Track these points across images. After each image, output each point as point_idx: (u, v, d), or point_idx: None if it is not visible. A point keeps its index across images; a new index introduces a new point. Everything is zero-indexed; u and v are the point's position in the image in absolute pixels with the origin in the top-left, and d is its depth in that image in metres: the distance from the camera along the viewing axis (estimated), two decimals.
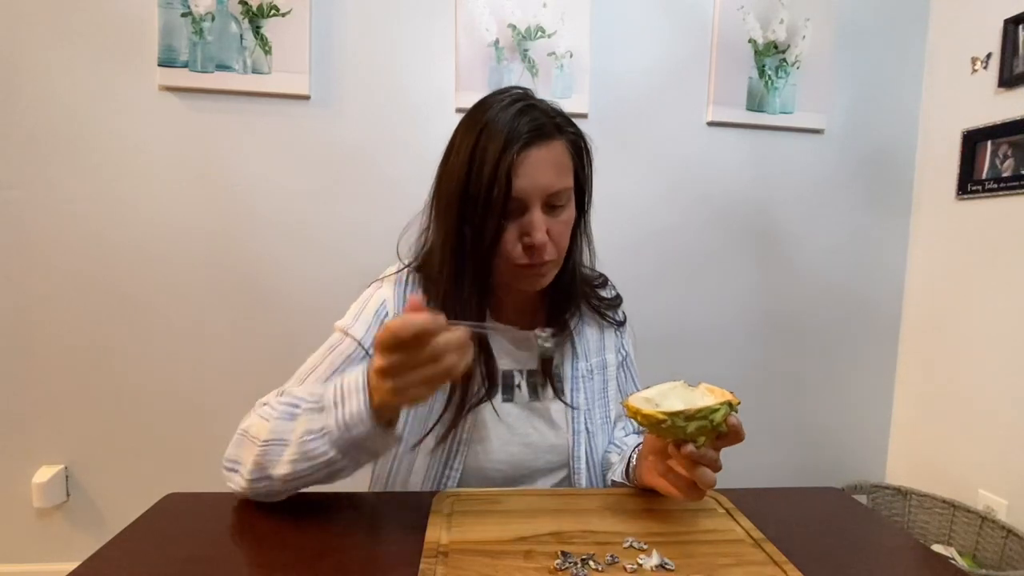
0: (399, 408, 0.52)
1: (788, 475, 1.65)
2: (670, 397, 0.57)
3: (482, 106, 0.68)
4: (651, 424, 0.54)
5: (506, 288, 0.72)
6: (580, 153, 0.70)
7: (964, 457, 1.46)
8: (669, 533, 0.54)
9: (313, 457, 0.52)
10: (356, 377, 0.52)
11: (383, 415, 0.51)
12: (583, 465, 0.74)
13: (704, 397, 0.56)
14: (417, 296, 0.50)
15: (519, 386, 0.74)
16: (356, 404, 0.51)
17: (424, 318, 0.46)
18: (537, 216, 0.64)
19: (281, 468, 0.54)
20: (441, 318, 0.47)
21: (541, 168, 0.64)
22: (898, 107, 1.61)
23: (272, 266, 1.41)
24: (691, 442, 0.53)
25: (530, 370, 0.75)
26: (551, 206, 0.66)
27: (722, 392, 0.56)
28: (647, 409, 0.54)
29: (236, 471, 0.58)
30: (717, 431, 0.54)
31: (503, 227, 0.65)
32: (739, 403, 0.55)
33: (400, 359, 0.47)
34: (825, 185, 1.60)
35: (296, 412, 0.55)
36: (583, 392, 0.77)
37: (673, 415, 0.52)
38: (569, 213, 0.69)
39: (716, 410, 0.53)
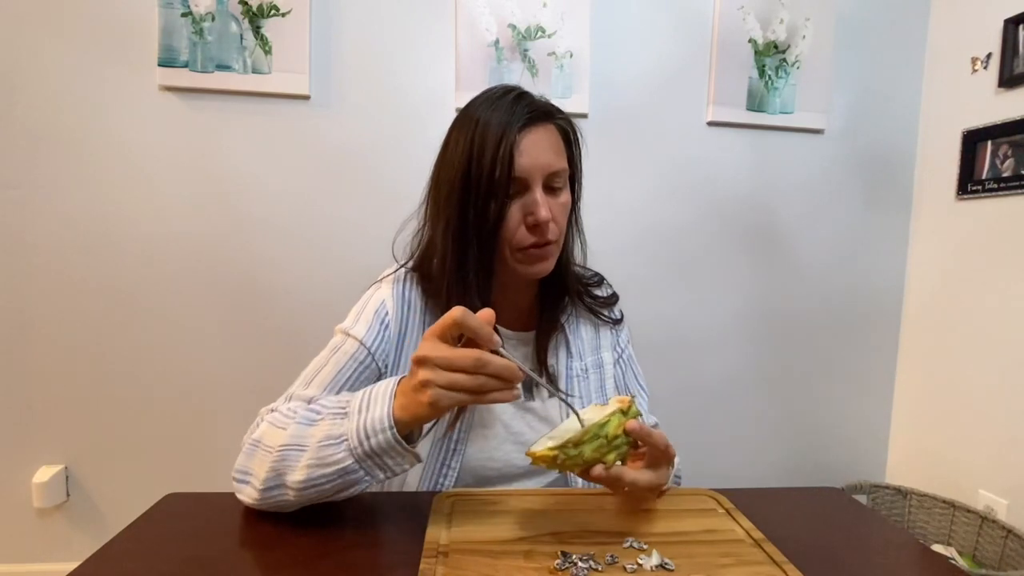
0: (419, 415, 0.50)
1: (788, 475, 1.65)
2: (573, 427, 0.53)
3: (475, 101, 0.70)
4: (551, 465, 0.51)
5: (502, 286, 0.72)
6: (570, 140, 0.72)
7: (964, 457, 1.46)
8: (669, 533, 0.54)
9: (329, 463, 0.51)
10: (385, 386, 0.52)
11: (404, 426, 0.50)
12: None
13: (600, 412, 0.53)
14: (491, 311, 0.50)
15: None
16: (379, 410, 0.50)
17: (482, 323, 0.48)
18: (540, 194, 0.66)
19: (296, 474, 0.52)
20: (497, 339, 0.48)
21: (541, 147, 0.66)
22: (898, 107, 1.61)
23: (272, 266, 1.41)
24: (601, 463, 0.52)
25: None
26: (550, 187, 0.68)
27: (618, 400, 0.54)
28: (540, 450, 0.51)
29: (247, 482, 0.57)
30: (618, 443, 0.52)
31: (506, 209, 0.65)
32: (629, 407, 0.53)
33: (442, 352, 0.47)
34: (825, 185, 1.60)
35: (317, 418, 0.55)
36: (578, 391, 0.77)
37: (561, 447, 0.50)
38: (566, 196, 0.70)
39: (605, 424, 0.51)
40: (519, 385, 0.74)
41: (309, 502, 0.55)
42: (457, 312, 0.47)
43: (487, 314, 0.49)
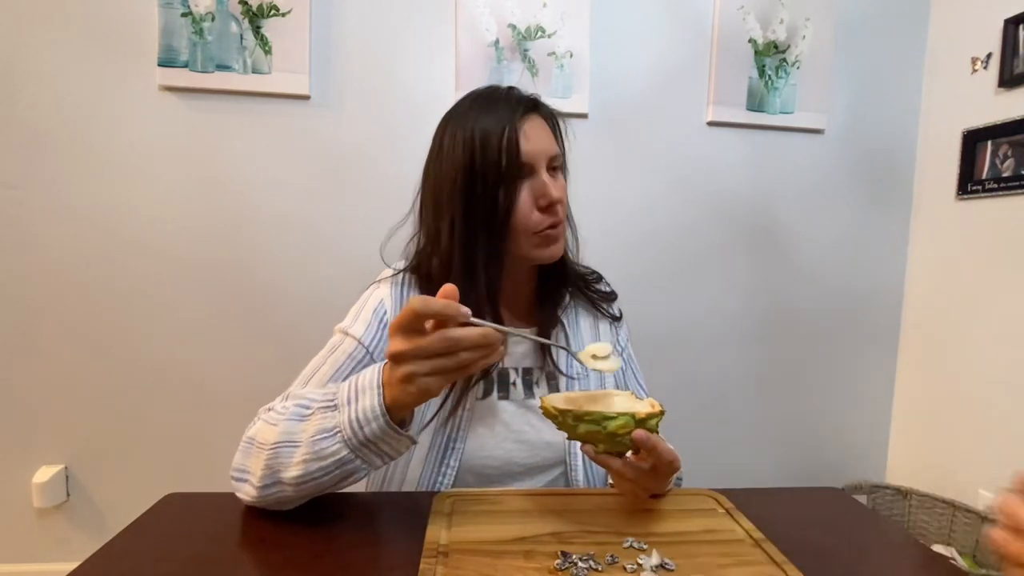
0: (410, 404, 0.50)
1: (788, 475, 1.65)
2: (601, 402, 0.57)
3: (462, 102, 0.72)
4: (549, 417, 0.55)
5: (508, 279, 0.73)
6: (557, 128, 0.75)
7: (964, 457, 1.46)
8: (669, 533, 0.54)
9: (325, 456, 0.51)
10: (371, 375, 0.52)
11: (396, 413, 0.51)
12: (579, 462, 0.75)
13: (626, 405, 0.56)
14: (452, 286, 0.48)
15: (514, 383, 0.75)
16: (368, 400, 0.50)
17: (445, 302, 0.46)
18: (547, 175, 0.68)
19: (292, 470, 0.52)
20: (464, 310, 0.47)
21: (539, 133, 0.69)
22: (898, 107, 1.61)
23: (272, 266, 1.41)
24: (591, 444, 0.55)
25: (525, 367, 0.76)
26: (552, 169, 0.70)
27: (651, 404, 0.56)
28: (550, 403, 0.55)
29: (245, 480, 0.57)
30: (619, 440, 0.53)
31: (516, 195, 0.67)
32: (649, 417, 0.53)
33: (415, 344, 0.46)
34: (825, 185, 1.60)
35: (306, 413, 0.55)
36: (578, 389, 0.77)
37: (563, 411, 0.53)
38: (563, 180, 0.73)
39: (611, 418, 0.52)
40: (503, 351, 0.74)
41: (309, 495, 0.55)
42: (416, 302, 0.46)
43: (448, 289, 0.48)
